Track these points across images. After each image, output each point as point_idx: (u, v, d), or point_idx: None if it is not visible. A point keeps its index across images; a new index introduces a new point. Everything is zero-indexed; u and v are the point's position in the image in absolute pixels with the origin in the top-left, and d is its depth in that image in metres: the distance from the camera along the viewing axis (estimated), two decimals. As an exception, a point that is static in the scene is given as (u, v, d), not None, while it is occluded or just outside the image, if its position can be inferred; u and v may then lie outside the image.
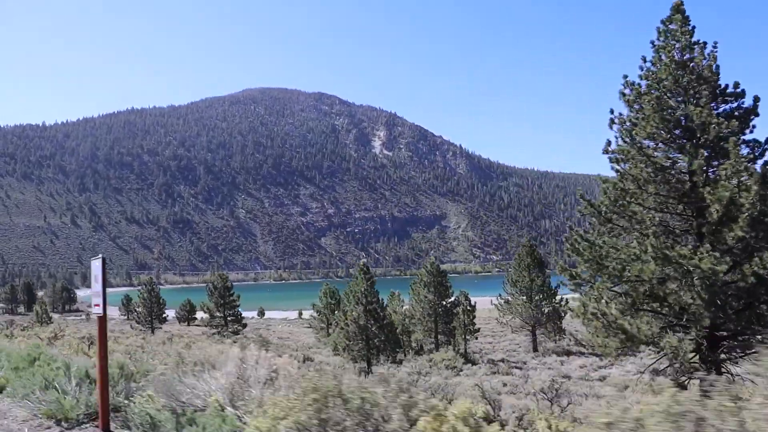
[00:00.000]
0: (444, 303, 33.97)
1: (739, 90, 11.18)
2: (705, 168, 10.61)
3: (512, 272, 33.42)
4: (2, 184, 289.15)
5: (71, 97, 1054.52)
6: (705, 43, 11.20)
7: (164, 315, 55.89)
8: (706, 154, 10.36)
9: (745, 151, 10.80)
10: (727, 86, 11.20)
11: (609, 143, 11.90)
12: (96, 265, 5.44)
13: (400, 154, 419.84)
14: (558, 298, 31.49)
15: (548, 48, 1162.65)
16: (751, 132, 11.11)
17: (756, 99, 11.14)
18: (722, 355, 10.70)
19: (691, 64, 11.18)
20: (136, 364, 7.40)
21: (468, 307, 31.68)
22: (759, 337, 10.17)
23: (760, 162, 10.81)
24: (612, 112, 11.91)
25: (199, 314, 78.17)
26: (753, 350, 10.19)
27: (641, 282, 10.47)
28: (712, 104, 10.99)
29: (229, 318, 44.01)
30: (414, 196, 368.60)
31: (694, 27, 11.33)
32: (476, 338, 30.68)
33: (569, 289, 12.22)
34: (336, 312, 40.62)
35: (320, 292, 46.00)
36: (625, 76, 11.80)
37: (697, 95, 11.10)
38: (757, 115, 11.05)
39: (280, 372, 4.59)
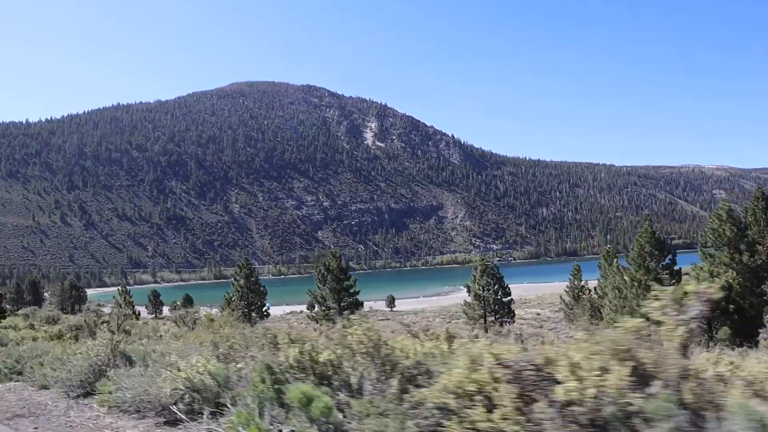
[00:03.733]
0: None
1: None
2: None
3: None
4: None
5: (55, 95, 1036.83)
6: None
7: (265, 308, 45.40)
8: None
9: None
10: None
11: None
12: None
13: (393, 145, 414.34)
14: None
15: (533, 38, 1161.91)
16: None
17: None
18: None
19: None
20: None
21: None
22: None
23: None
24: None
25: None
26: None
27: None
28: None
29: (345, 308, 36.94)
30: (409, 186, 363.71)
31: None
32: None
33: None
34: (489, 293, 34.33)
35: (475, 271, 39.62)
36: None
37: None
38: None
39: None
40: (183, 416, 5.25)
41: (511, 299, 39.59)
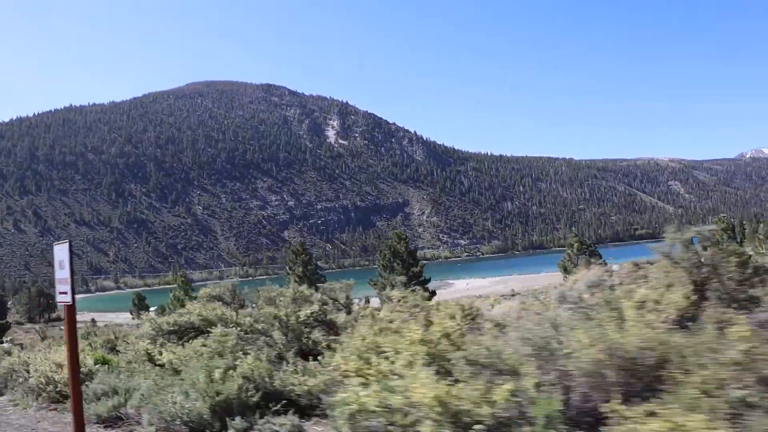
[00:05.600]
0: None
1: None
2: None
3: None
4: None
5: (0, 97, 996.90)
6: None
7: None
8: None
9: None
10: None
11: None
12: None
13: (356, 143, 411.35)
14: None
15: (489, 34, 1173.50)
16: None
17: None
18: None
19: None
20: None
21: None
22: None
23: None
24: None
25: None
26: None
27: None
28: None
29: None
30: (374, 184, 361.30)
31: None
32: None
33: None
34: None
35: (570, 248, 36.91)
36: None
37: None
38: None
39: None
40: None
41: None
